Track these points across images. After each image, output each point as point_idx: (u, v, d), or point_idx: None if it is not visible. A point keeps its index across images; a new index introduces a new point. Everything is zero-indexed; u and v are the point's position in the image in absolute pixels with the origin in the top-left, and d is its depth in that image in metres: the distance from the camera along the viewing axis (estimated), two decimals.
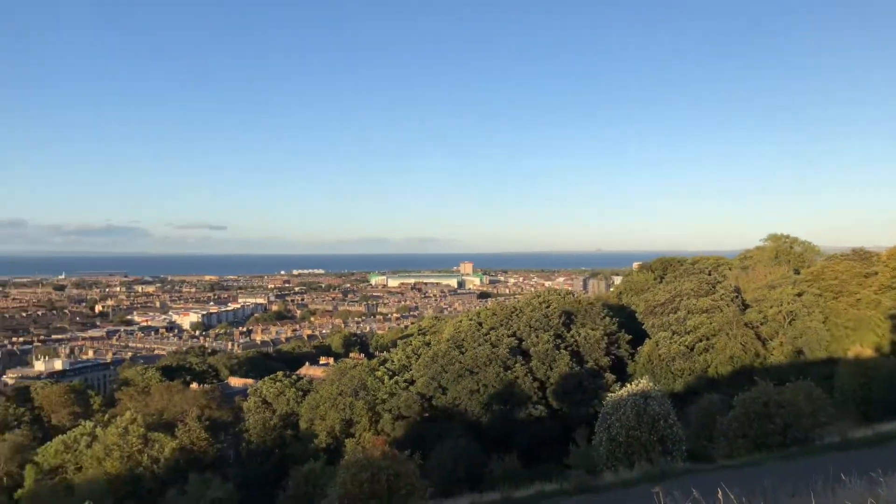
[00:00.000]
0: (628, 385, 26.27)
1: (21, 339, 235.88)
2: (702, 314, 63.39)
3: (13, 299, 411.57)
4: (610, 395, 27.17)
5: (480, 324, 68.40)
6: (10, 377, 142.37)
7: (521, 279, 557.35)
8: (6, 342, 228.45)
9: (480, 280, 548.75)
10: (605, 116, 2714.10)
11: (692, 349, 60.77)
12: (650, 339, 65.10)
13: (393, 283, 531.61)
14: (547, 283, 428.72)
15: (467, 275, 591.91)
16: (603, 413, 25.86)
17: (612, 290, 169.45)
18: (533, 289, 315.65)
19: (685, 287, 71.94)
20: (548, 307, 68.15)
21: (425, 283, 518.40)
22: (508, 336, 62.48)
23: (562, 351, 59.64)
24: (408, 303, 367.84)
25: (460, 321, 75.72)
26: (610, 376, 58.71)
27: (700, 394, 44.40)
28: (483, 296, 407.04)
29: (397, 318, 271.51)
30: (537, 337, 61.35)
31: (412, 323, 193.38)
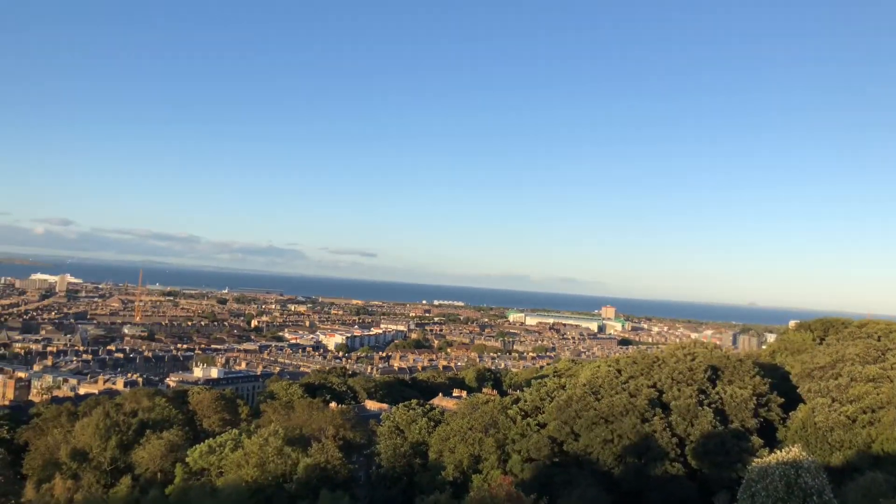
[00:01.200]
0: (777, 452, 24.17)
1: (185, 346, 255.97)
2: (867, 383, 57.56)
3: (182, 308, 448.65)
4: (756, 460, 25.11)
5: (619, 371, 65.99)
6: (172, 380, 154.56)
7: (665, 328, 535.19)
8: (172, 348, 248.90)
9: (622, 326, 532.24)
10: (773, 157, 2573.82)
11: (854, 420, 55.15)
12: (805, 404, 59.87)
13: (531, 321, 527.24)
14: (693, 335, 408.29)
15: (608, 319, 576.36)
16: (747, 479, 23.90)
17: (764, 347, 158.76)
18: (678, 339, 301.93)
19: (849, 352, 65.78)
20: (693, 360, 64.60)
21: (564, 325, 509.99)
22: (648, 387, 59.75)
23: (705, 408, 56.17)
24: (545, 343, 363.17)
25: (598, 366, 73.46)
26: (757, 440, 54.46)
27: (861, 471, 40.08)
28: (624, 342, 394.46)
29: (533, 358, 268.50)
30: (679, 391, 58.24)
31: (548, 364, 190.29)
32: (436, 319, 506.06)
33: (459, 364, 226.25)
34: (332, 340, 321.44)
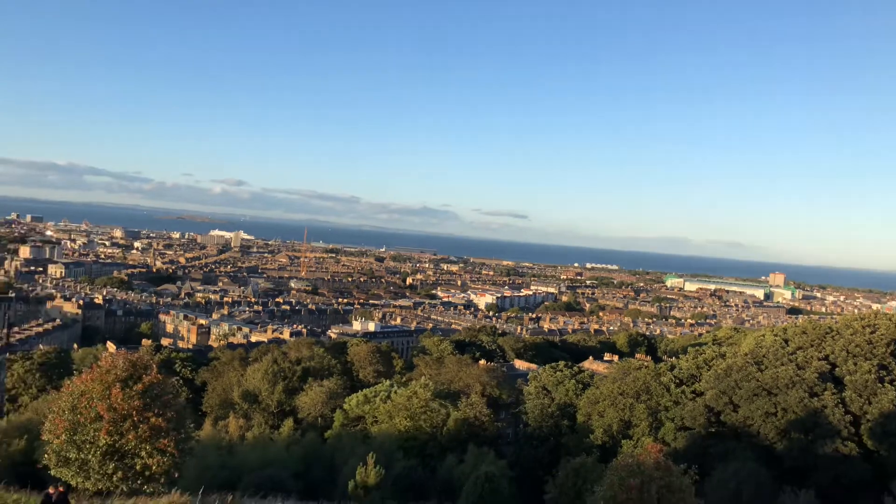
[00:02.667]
0: None
1: (345, 301, 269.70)
2: None
3: (343, 265, 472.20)
4: None
5: (786, 341, 61.36)
6: (333, 332, 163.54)
7: (841, 298, 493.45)
8: (333, 302, 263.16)
9: (792, 294, 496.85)
10: None
11: None
12: None
13: (690, 286, 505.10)
14: (875, 307, 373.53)
15: (777, 286, 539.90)
16: None
17: None
18: (856, 310, 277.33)
19: None
20: (873, 332, 58.70)
21: (727, 291, 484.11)
22: (819, 359, 55.10)
23: (886, 385, 51.00)
24: (705, 309, 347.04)
25: (763, 335, 68.80)
26: None
27: None
28: (793, 312, 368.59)
29: (691, 325, 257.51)
30: (855, 365, 53.20)
31: (707, 331, 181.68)
32: (588, 282, 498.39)
33: (611, 328, 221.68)
34: (483, 300, 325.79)
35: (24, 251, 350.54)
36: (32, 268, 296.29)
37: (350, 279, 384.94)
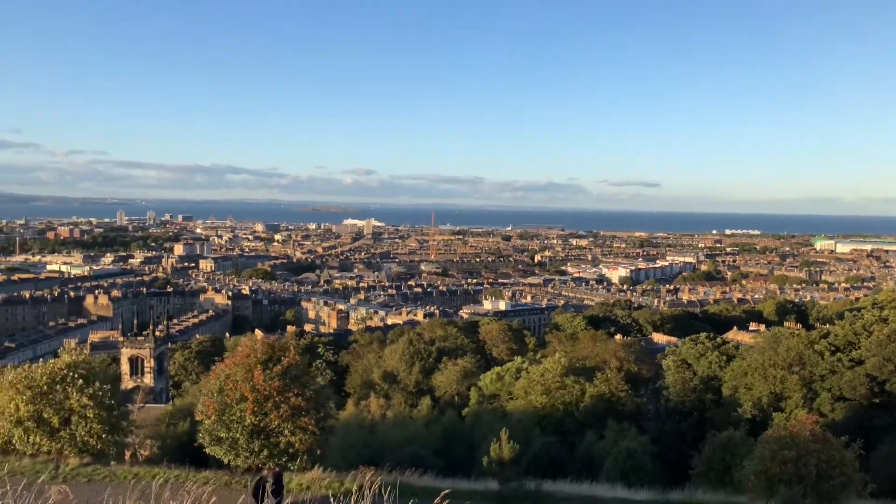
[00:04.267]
0: None
1: (474, 281, 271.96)
2: None
3: (470, 246, 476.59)
4: None
5: None
6: (464, 312, 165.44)
7: None
8: (463, 283, 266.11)
9: None
10: None
11: None
12: None
13: (842, 248, 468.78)
14: None
15: None
16: None
17: None
18: None
19: None
20: None
21: (886, 251, 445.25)
22: None
23: None
24: (861, 272, 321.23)
25: None
26: None
27: None
28: None
29: (846, 289, 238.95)
30: None
31: (865, 295, 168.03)
32: (728, 250, 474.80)
33: (756, 297, 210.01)
34: (616, 273, 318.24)
35: (178, 248, 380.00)
36: (186, 263, 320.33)
37: (478, 259, 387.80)
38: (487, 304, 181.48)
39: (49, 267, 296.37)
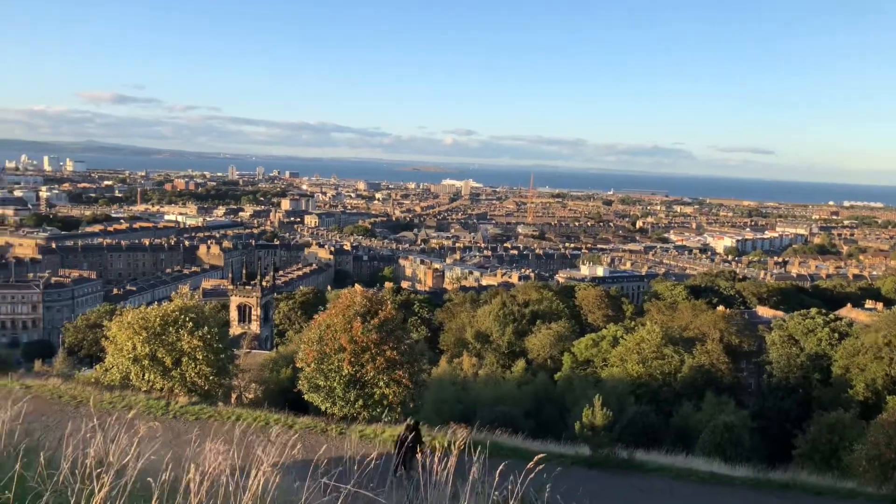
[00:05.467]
0: None
1: (572, 245, 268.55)
2: None
3: (569, 210, 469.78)
4: None
5: None
6: (560, 276, 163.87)
7: None
8: (560, 246, 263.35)
9: None
10: None
11: None
12: None
13: None
14: None
15: None
16: None
17: None
18: None
19: None
20: None
21: None
22: None
23: None
24: None
25: None
26: None
27: None
28: None
29: None
30: None
31: None
32: (845, 223, 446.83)
33: (874, 273, 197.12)
34: (721, 243, 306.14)
35: (285, 204, 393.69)
36: (292, 218, 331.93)
37: (577, 223, 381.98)
38: (584, 270, 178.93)
39: (166, 217, 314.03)
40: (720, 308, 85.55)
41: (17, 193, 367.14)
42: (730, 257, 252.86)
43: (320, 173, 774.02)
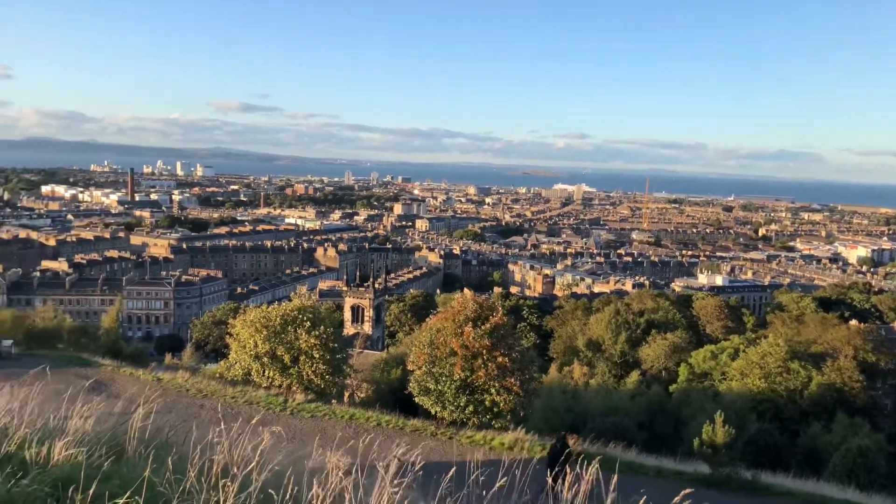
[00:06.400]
0: None
1: (689, 253, 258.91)
2: None
3: (687, 216, 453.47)
4: None
5: None
6: (676, 285, 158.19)
7: None
8: (677, 254, 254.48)
9: None
10: None
11: None
12: None
13: None
14: None
15: None
16: None
17: None
18: None
19: None
20: None
21: None
22: None
23: None
24: None
25: None
26: None
27: None
28: None
29: None
30: None
31: None
32: None
33: None
34: (854, 253, 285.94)
35: (397, 208, 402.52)
36: (403, 222, 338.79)
37: (695, 230, 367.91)
38: (702, 278, 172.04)
39: (287, 220, 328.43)
40: (853, 322, 79.80)
41: (153, 197, 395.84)
42: (864, 268, 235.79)
43: (431, 178, 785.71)
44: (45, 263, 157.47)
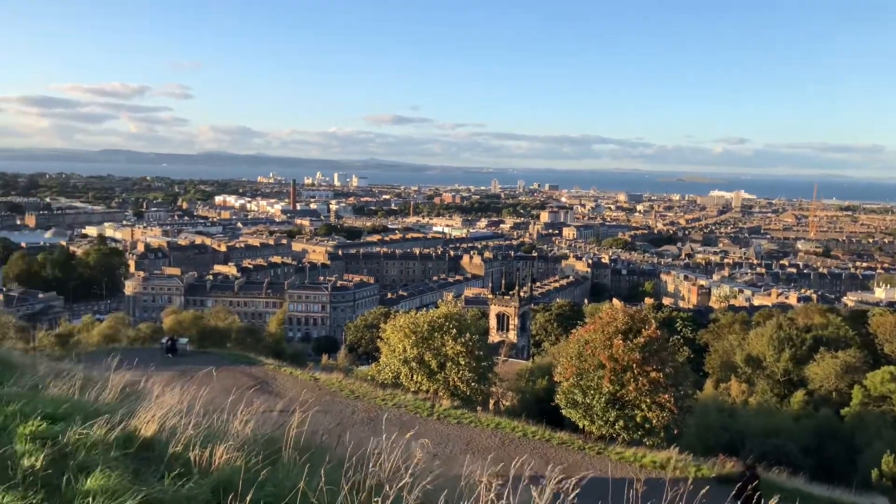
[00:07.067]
0: None
1: (864, 265, 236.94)
2: None
3: (861, 224, 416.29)
4: None
5: None
6: (849, 299, 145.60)
7: None
8: (850, 265, 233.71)
9: None
10: None
11: None
12: None
13: None
14: None
15: None
16: None
17: None
18: None
19: None
20: None
21: None
22: None
23: None
24: None
25: None
26: None
27: None
28: None
29: None
30: None
31: None
32: None
33: None
34: None
35: (544, 216, 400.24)
36: (550, 230, 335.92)
37: (870, 240, 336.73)
38: (880, 292, 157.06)
39: (434, 228, 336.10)
40: None
41: (313, 206, 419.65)
42: None
43: (580, 185, 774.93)
44: (217, 267, 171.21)
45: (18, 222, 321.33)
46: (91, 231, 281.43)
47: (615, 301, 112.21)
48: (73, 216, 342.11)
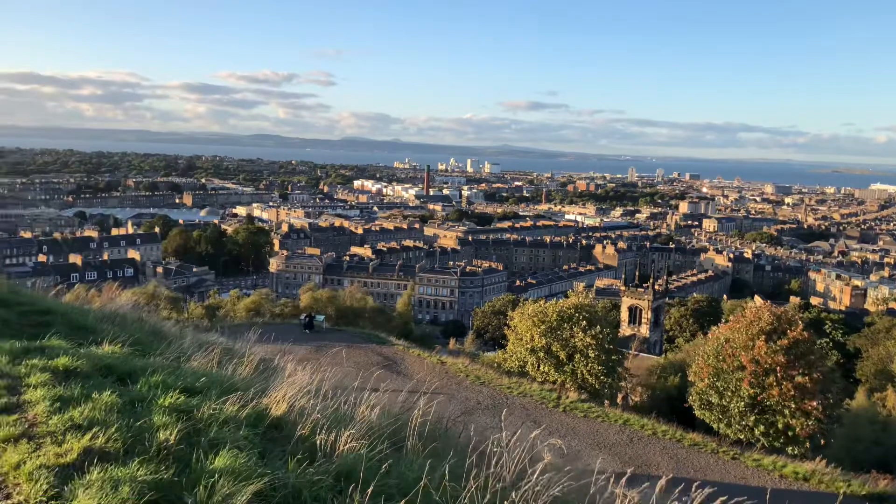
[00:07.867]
0: None
1: None
2: None
3: None
4: None
5: None
6: None
7: None
8: None
9: None
10: None
11: None
12: None
13: None
14: None
15: None
16: None
17: None
18: None
19: None
20: None
21: None
22: None
23: None
24: None
25: None
26: None
27: None
28: None
29: None
30: None
31: None
32: None
33: None
34: None
35: (683, 206, 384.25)
36: (689, 222, 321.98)
37: None
38: None
39: (566, 216, 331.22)
40: None
41: (445, 192, 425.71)
42: None
43: (723, 175, 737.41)
44: (354, 249, 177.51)
45: (177, 201, 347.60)
46: (241, 211, 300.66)
47: (757, 299, 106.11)
48: (225, 196, 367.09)
